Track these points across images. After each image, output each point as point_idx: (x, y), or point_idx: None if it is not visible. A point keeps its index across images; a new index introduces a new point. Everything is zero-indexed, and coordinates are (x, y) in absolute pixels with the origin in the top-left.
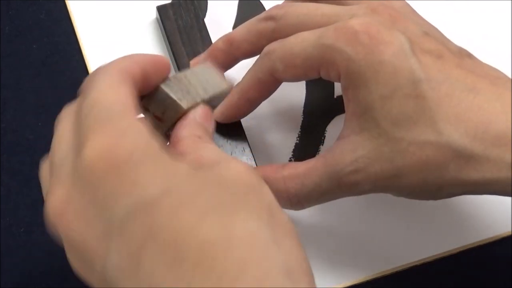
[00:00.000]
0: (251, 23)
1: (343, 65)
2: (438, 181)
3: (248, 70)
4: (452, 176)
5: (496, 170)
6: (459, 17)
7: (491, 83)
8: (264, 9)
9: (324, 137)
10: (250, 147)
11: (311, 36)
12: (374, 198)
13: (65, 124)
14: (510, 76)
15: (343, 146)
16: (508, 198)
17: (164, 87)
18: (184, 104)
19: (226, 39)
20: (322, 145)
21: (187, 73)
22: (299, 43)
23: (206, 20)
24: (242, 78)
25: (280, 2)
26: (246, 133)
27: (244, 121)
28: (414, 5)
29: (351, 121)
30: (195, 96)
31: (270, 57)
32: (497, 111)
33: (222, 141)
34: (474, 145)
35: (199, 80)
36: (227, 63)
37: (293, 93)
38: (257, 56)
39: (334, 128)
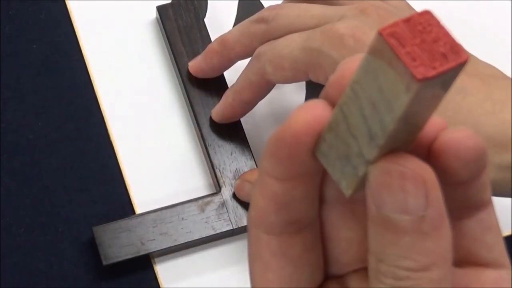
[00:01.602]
0: (243, 25)
1: (330, 69)
2: None
3: (242, 72)
4: None
5: None
6: (459, 16)
7: (482, 82)
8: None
9: None
10: (250, 147)
11: (298, 38)
12: None
13: None
14: (507, 74)
15: None
16: (508, 199)
17: (321, 160)
18: (347, 191)
19: (220, 40)
20: None
21: (345, 100)
22: (287, 45)
23: (206, 20)
24: (236, 80)
25: (279, 2)
26: (246, 133)
27: (244, 122)
28: (414, 4)
29: None
30: (358, 162)
31: (260, 59)
32: (486, 112)
33: (222, 141)
34: None
35: (363, 112)
36: (223, 64)
37: (293, 93)
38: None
39: None
